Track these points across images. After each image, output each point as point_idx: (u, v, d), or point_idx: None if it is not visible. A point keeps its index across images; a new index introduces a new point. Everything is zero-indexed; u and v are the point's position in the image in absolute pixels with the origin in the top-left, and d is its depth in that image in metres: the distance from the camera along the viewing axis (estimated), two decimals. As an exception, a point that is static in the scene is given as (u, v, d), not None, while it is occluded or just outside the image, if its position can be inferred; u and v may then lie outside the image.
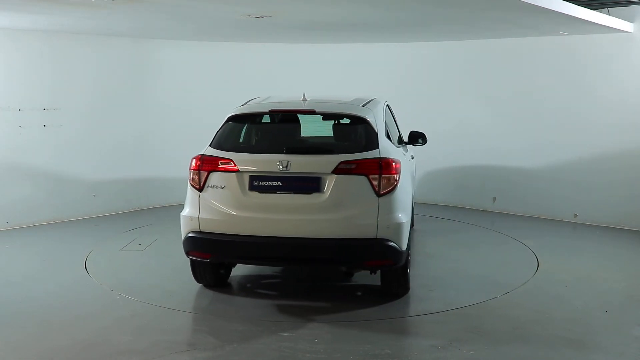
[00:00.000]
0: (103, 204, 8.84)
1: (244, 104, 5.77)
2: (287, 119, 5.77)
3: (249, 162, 5.06)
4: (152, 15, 6.70)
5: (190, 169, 5.18)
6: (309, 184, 4.95)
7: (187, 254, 5.24)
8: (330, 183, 4.91)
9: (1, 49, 7.85)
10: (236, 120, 5.50)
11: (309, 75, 10.02)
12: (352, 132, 5.49)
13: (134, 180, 9.24)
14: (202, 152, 5.22)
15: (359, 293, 5.71)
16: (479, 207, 9.50)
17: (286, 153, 5.06)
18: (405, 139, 6.87)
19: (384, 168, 4.96)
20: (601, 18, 7.28)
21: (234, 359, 4.19)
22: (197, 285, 5.73)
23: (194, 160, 5.17)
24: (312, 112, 5.41)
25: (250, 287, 5.85)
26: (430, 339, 4.55)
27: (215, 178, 5.06)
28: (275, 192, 5.00)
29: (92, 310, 5.12)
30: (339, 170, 4.90)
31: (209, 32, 8.39)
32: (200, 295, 5.51)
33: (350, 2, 5.97)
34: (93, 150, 8.78)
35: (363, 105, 5.58)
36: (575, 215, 8.68)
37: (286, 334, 4.61)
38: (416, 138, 6.85)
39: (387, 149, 5.24)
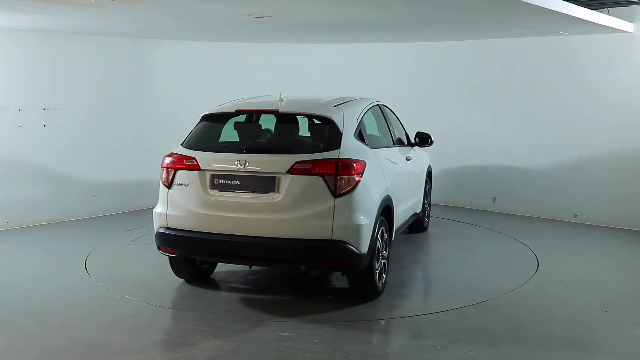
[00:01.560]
0: (103, 204, 8.84)
1: (222, 105, 5.83)
2: (254, 119, 5.79)
3: (210, 161, 5.17)
4: (152, 15, 6.70)
5: (160, 167, 5.35)
6: (265, 184, 4.98)
7: (158, 249, 5.40)
8: (285, 183, 4.92)
9: (1, 49, 7.85)
10: (208, 119, 5.63)
11: (309, 75, 10.04)
12: (316, 132, 5.47)
13: (134, 180, 9.24)
14: (173, 151, 5.38)
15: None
16: (479, 207, 9.50)
17: (246, 152, 5.18)
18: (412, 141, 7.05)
19: (341, 168, 4.88)
20: (601, 18, 7.28)
21: (234, 359, 4.19)
22: (197, 286, 5.73)
23: (164, 158, 5.36)
24: (276, 112, 5.47)
25: (250, 287, 5.85)
26: (430, 339, 4.55)
27: (180, 176, 5.21)
28: (234, 191, 5.08)
29: (92, 310, 5.12)
30: (294, 170, 4.90)
31: (209, 32, 8.39)
32: (201, 295, 5.51)
33: (351, 2, 5.97)
34: (93, 150, 8.78)
35: (336, 105, 5.51)
36: (575, 215, 8.68)
37: (286, 334, 4.61)
38: (421, 139, 7.03)
39: (351, 149, 5.13)
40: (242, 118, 5.87)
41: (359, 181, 4.96)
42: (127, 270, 6.23)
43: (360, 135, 5.48)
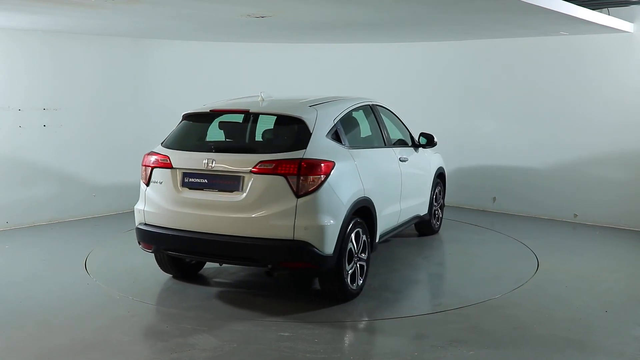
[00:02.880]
0: (103, 204, 8.84)
1: (204, 105, 5.91)
2: (228, 118, 5.80)
3: (181, 159, 5.28)
4: (152, 15, 6.70)
5: (141, 165, 5.55)
6: (230, 182, 5.04)
7: (139, 244, 5.55)
8: (249, 182, 4.96)
9: (1, 49, 7.85)
10: (187, 119, 5.75)
11: (309, 75, 10.04)
12: (284, 132, 5.47)
13: (134, 180, 9.18)
14: (152, 150, 5.53)
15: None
16: (479, 207, 9.50)
17: (215, 152, 5.21)
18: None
19: (304, 169, 4.85)
20: (601, 18, 7.28)
21: (234, 359, 4.19)
22: (197, 286, 5.74)
23: (144, 156, 5.55)
24: (246, 112, 5.52)
25: (251, 287, 5.85)
26: (430, 339, 4.55)
27: (156, 174, 5.38)
28: (202, 189, 5.17)
29: (92, 310, 5.12)
30: (257, 169, 4.92)
31: (209, 32, 8.39)
32: (201, 296, 5.51)
33: (351, 2, 5.97)
34: (93, 150, 8.78)
35: (312, 105, 5.48)
36: (575, 215, 8.68)
37: (286, 334, 4.61)
38: (424, 140, 7.04)
39: (321, 149, 5.09)
40: (228, 118, 5.87)
41: (323, 182, 4.91)
42: (127, 270, 6.23)
43: (336, 136, 5.42)
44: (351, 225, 5.19)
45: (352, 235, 5.22)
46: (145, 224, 5.42)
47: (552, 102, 8.77)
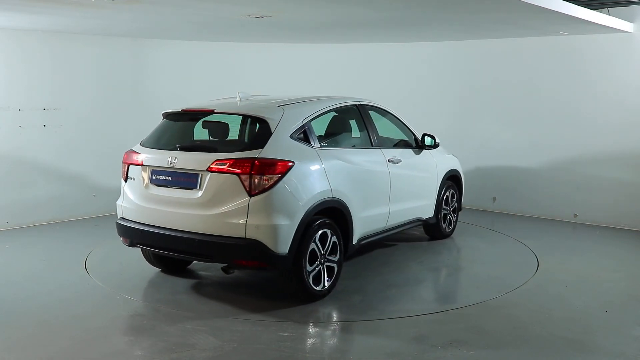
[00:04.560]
0: (103, 204, 8.83)
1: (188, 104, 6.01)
2: (196, 118, 5.82)
3: (150, 157, 5.47)
4: (152, 15, 6.70)
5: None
6: (189, 180, 5.17)
7: (120, 237, 5.77)
8: (205, 180, 5.05)
9: (1, 49, 7.85)
10: (166, 118, 5.90)
11: (309, 75, 10.04)
12: (247, 132, 5.56)
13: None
14: (132, 148, 5.75)
15: (358, 293, 5.71)
16: (479, 207, 9.50)
17: (179, 150, 5.36)
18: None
19: (257, 168, 4.88)
20: (601, 18, 7.28)
21: (234, 359, 4.19)
22: (198, 286, 5.74)
23: (124, 154, 5.76)
24: (211, 112, 5.60)
25: (251, 287, 5.85)
26: (430, 339, 4.55)
27: (131, 171, 5.61)
28: (167, 187, 5.34)
29: (92, 310, 5.13)
30: (213, 168, 5.01)
31: (209, 32, 8.39)
32: (201, 295, 5.51)
33: (351, 3, 5.97)
34: (93, 150, 8.78)
35: (280, 105, 5.49)
36: (575, 215, 8.68)
37: (286, 334, 4.61)
38: (426, 141, 6.94)
39: (281, 149, 5.10)
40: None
41: (277, 181, 4.92)
42: (127, 270, 6.23)
43: (304, 136, 5.39)
44: (315, 225, 5.17)
45: (317, 236, 5.21)
46: (123, 219, 5.65)
47: (552, 102, 8.77)
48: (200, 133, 5.86)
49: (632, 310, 5.27)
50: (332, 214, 5.44)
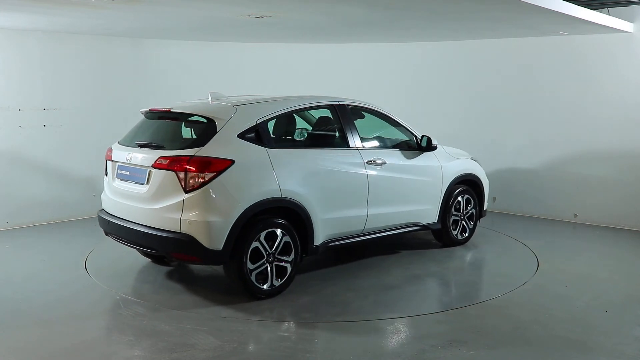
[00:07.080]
0: (103, 204, 8.83)
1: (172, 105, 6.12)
2: (166, 117, 5.91)
3: (117, 153, 5.82)
4: (152, 15, 6.70)
5: None
6: (140, 176, 5.46)
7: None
8: (151, 176, 5.33)
9: (1, 49, 7.85)
10: (143, 117, 6.12)
11: (309, 76, 10.04)
12: (194, 130, 5.69)
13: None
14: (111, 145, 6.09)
15: (358, 293, 5.71)
16: (479, 207, 9.49)
17: (137, 147, 5.62)
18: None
19: (192, 165, 5.05)
20: (601, 18, 7.28)
21: (234, 359, 4.19)
22: (198, 286, 5.74)
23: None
24: (167, 112, 5.78)
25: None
26: (430, 339, 4.55)
27: (108, 166, 6.00)
28: (126, 181, 5.66)
29: (92, 310, 5.13)
30: (157, 165, 5.25)
31: (209, 32, 8.39)
32: (200, 295, 5.51)
33: (351, 3, 5.96)
34: (93, 150, 8.75)
35: (236, 105, 5.54)
36: (575, 215, 8.68)
37: (286, 334, 4.61)
38: (425, 142, 6.68)
39: (223, 148, 5.18)
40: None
41: (212, 179, 5.03)
42: (127, 270, 6.23)
43: (256, 136, 5.40)
44: (260, 224, 5.23)
45: (262, 235, 5.25)
46: (102, 210, 6.03)
47: (552, 102, 8.77)
48: (158, 131, 5.94)
49: (632, 310, 5.27)
50: (286, 213, 5.46)
